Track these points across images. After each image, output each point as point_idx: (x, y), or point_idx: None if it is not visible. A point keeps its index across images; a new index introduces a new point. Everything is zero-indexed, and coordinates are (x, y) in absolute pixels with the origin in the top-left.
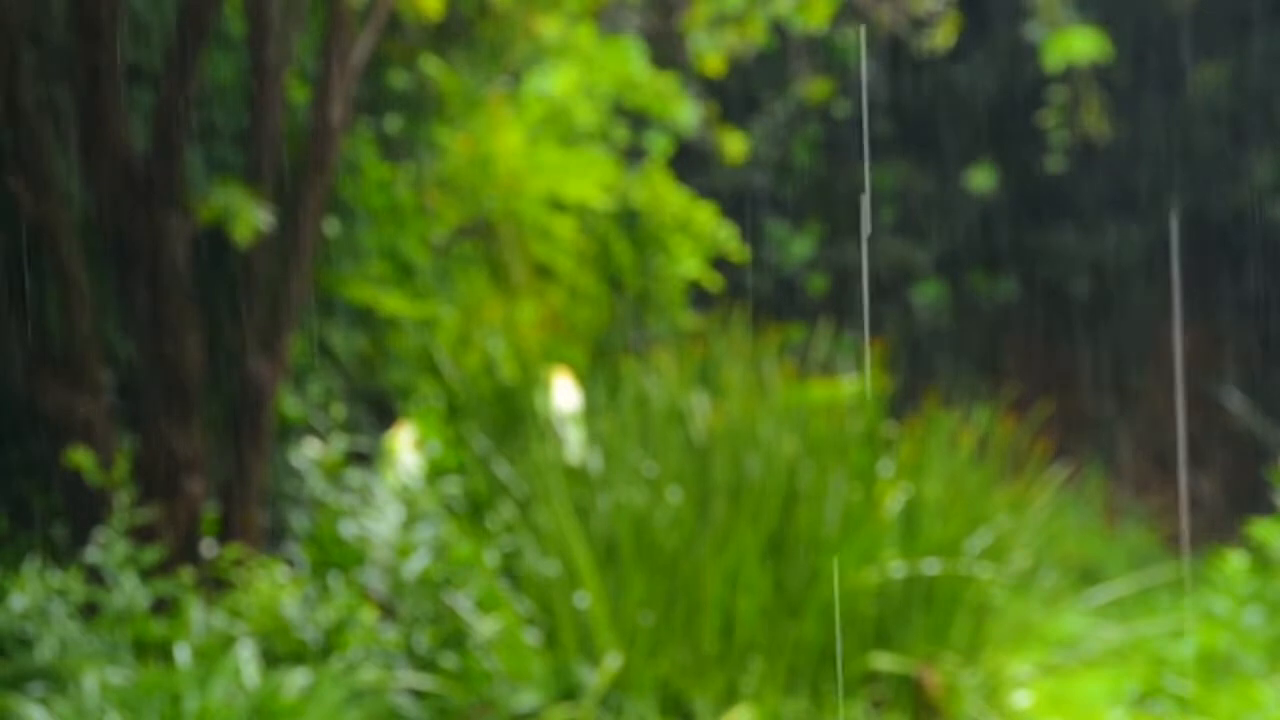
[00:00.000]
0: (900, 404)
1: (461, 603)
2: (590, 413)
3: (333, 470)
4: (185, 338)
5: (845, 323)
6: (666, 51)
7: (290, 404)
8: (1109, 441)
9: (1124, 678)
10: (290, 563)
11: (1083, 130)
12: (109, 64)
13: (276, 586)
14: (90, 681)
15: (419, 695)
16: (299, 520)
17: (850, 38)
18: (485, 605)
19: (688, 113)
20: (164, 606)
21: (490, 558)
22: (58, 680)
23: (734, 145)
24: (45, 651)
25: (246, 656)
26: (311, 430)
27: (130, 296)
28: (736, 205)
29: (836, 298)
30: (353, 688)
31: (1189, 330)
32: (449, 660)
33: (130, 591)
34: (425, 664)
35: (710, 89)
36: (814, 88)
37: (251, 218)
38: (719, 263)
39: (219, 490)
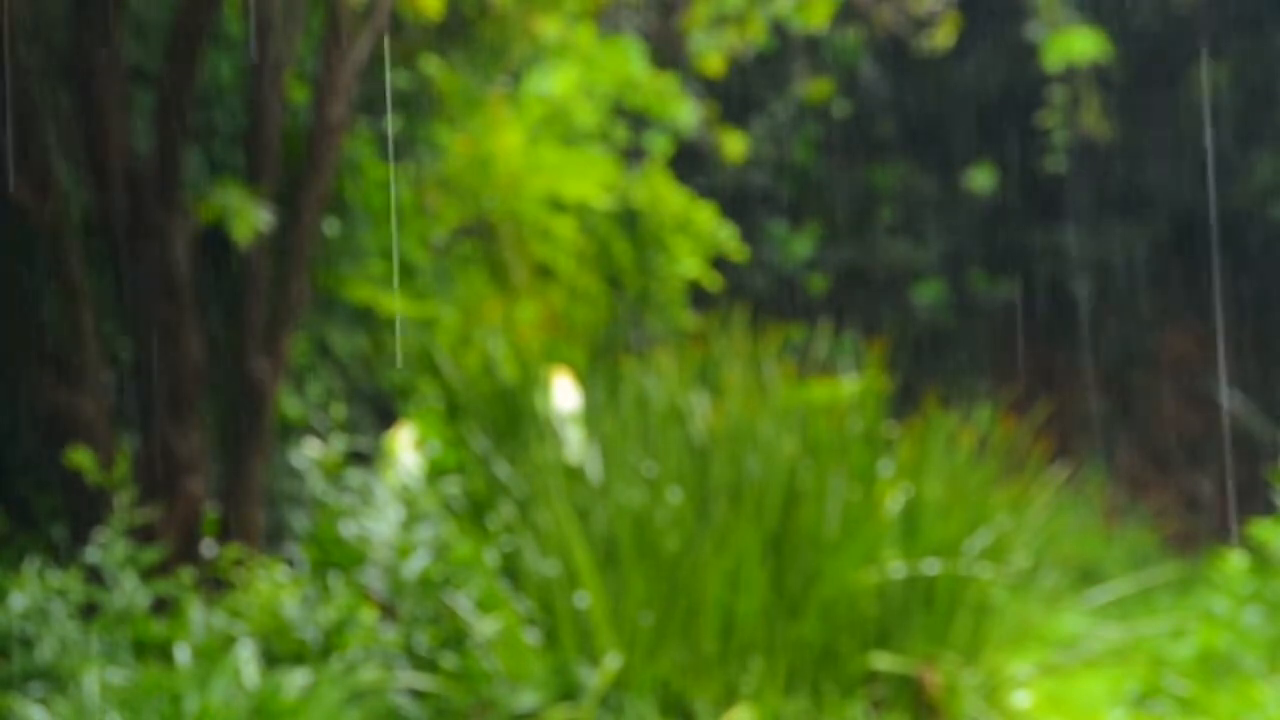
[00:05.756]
0: (900, 404)
1: (461, 603)
2: (590, 413)
3: (333, 470)
4: (185, 338)
5: (845, 323)
6: (666, 51)
7: (290, 404)
8: (1109, 441)
9: (1124, 678)
10: (290, 563)
11: (1083, 130)
12: (109, 64)
13: (276, 586)
14: (90, 681)
15: (419, 695)
16: (299, 520)
17: (850, 38)
18: (485, 605)
19: (688, 113)
20: (164, 606)
21: (490, 558)
22: (58, 680)
23: (734, 145)
24: (45, 651)
25: (246, 656)
26: (311, 430)
27: (130, 296)
28: (736, 205)
29: (836, 298)
30: (353, 688)
31: (1189, 330)
32: (449, 660)
33: (130, 591)
34: (425, 664)
35: (710, 89)
36: (814, 88)
37: (251, 218)
38: (719, 263)
39: (219, 490)
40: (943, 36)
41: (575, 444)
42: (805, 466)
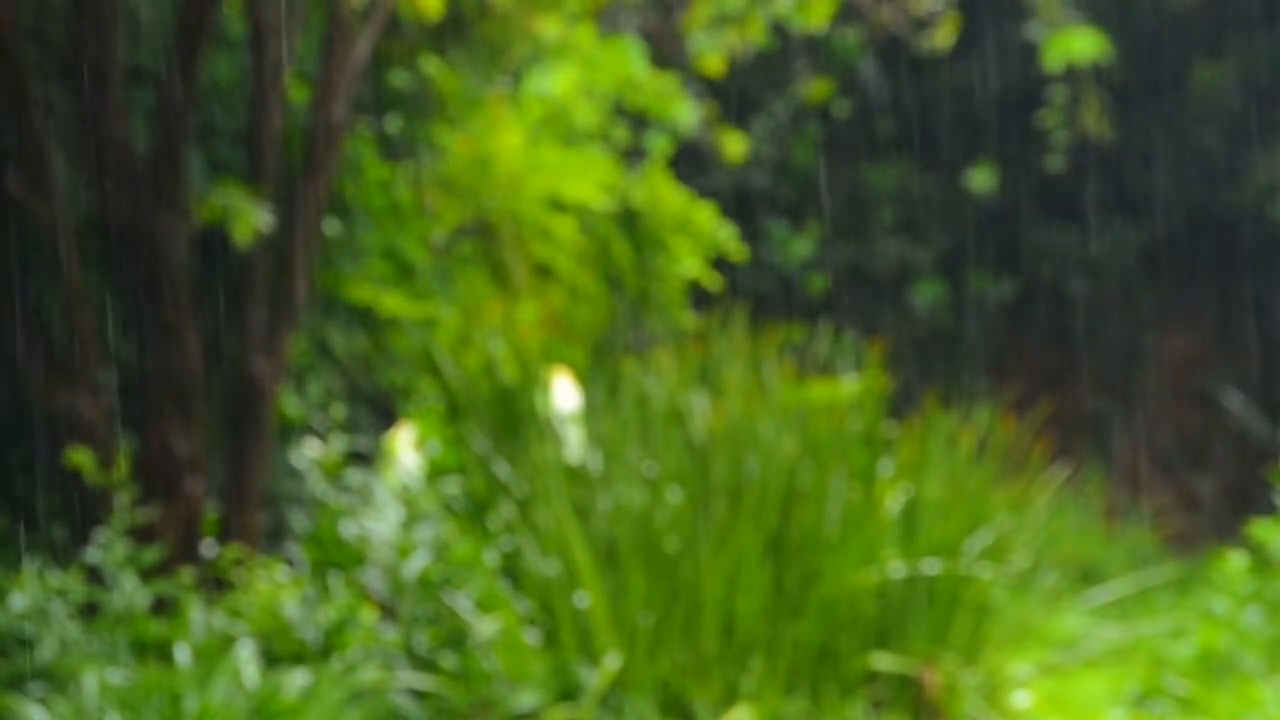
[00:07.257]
0: (900, 404)
1: (461, 603)
2: (590, 413)
3: (333, 470)
4: (185, 338)
5: (845, 323)
6: (666, 51)
7: (290, 404)
8: (1109, 441)
9: (1124, 678)
10: (290, 563)
11: (1083, 130)
12: (109, 64)
13: (276, 586)
14: (90, 681)
15: (419, 695)
16: (299, 520)
17: (850, 38)
18: (485, 605)
19: (688, 113)
20: (164, 606)
21: (490, 558)
22: (58, 680)
23: (734, 145)
24: (45, 651)
25: (246, 656)
26: (311, 430)
27: (130, 296)
28: (736, 205)
29: (836, 298)
30: (353, 688)
31: (1189, 330)
32: (449, 660)
33: (130, 591)
34: (425, 664)
35: (710, 89)
36: (814, 88)
37: (251, 218)
38: (719, 263)
39: (219, 490)
40: (943, 36)
41: (575, 444)
42: (805, 466)
